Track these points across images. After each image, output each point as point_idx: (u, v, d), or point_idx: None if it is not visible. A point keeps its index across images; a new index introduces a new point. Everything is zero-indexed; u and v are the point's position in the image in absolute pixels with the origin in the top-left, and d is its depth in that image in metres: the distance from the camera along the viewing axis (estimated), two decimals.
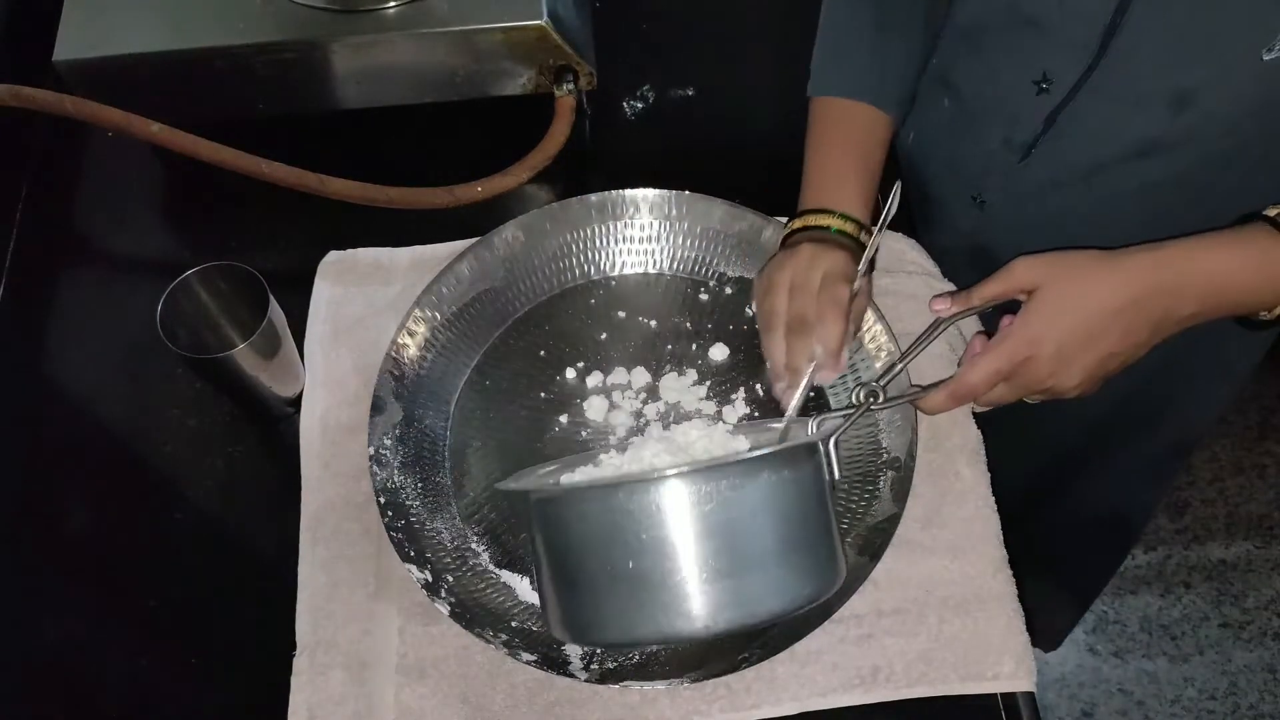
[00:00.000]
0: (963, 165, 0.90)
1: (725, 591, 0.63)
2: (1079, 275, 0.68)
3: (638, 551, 0.63)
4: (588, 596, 0.65)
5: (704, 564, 0.62)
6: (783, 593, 0.64)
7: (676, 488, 0.62)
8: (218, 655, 0.78)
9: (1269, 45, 0.67)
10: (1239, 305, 0.70)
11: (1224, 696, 1.66)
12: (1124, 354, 0.69)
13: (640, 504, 0.63)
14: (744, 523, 0.63)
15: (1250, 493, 1.82)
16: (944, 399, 0.71)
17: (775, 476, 0.65)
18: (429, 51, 0.93)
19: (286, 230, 0.95)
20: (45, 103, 0.90)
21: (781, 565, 0.64)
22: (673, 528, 0.62)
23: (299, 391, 0.85)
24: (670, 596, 0.62)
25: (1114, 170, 0.79)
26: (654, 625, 0.63)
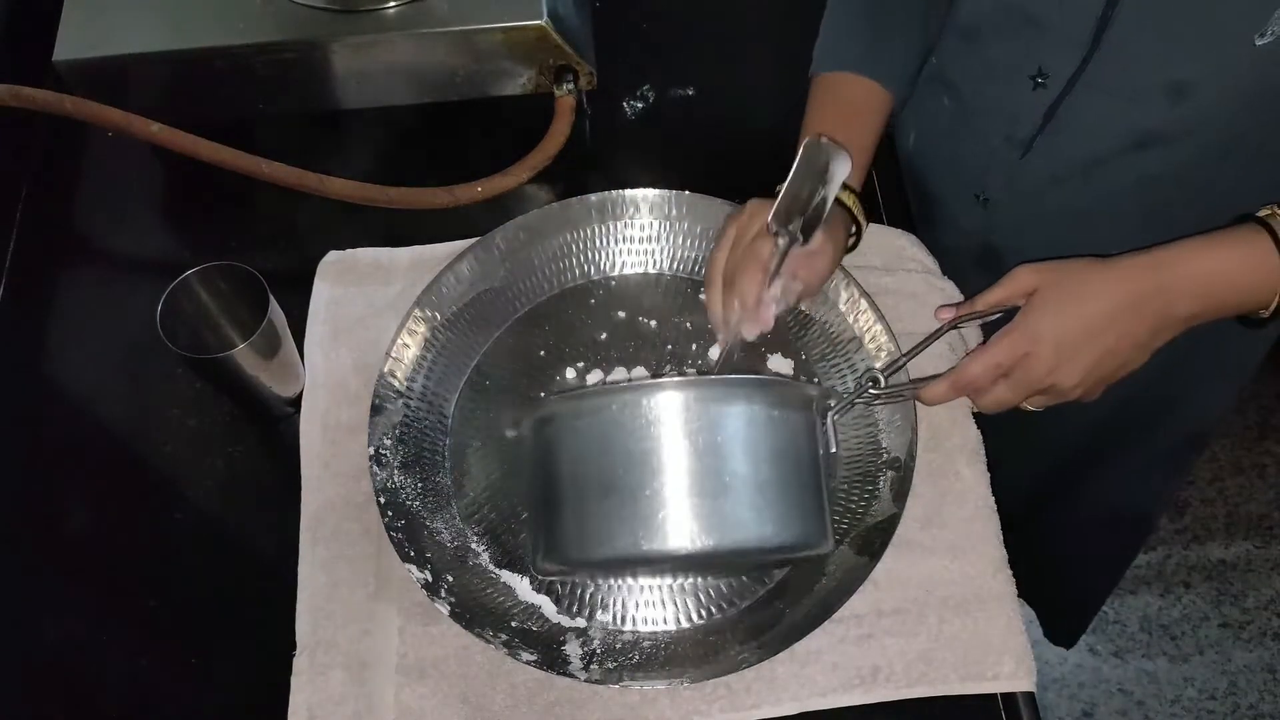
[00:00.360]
0: (964, 163, 0.90)
1: (707, 511, 0.64)
2: (1077, 277, 0.70)
3: (626, 463, 0.65)
4: (573, 513, 0.67)
5: (689, 480, 0.64)
6: (762, 525, 0.66)
7: (671, 399, 0.65)
8: (218, 655, 0.78)
9: (1261, 30, 0.67)
10: (1235, 305, 0.71)
11: (1224, 696, 1.66)
12: (1123, 355, 0.70)
13: (634, 414, 0.65)
14: (732, 447, 0.65)
15: (1250, 493, 1.82)
16: (945, 388, 0.72)
17: (767, 412, 0.67)
18: (429, 51, 0.93)
19: (286, 230, 0.95)
20: (45, 103, 0.90)
21: (765, 498, 0.66)
22: (662, 440, 0.65)
23: (299, 391, 0.85)
24: (650, 509, 0.64)
25: (1113, 163, 0.79)
26: (632, 538, 0.64)
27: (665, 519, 0.64)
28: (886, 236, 0.90)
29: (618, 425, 0.66)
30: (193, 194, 0.99)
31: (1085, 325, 0.69)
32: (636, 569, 0.72)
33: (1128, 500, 1.17)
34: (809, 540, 0.68)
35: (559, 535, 0.67)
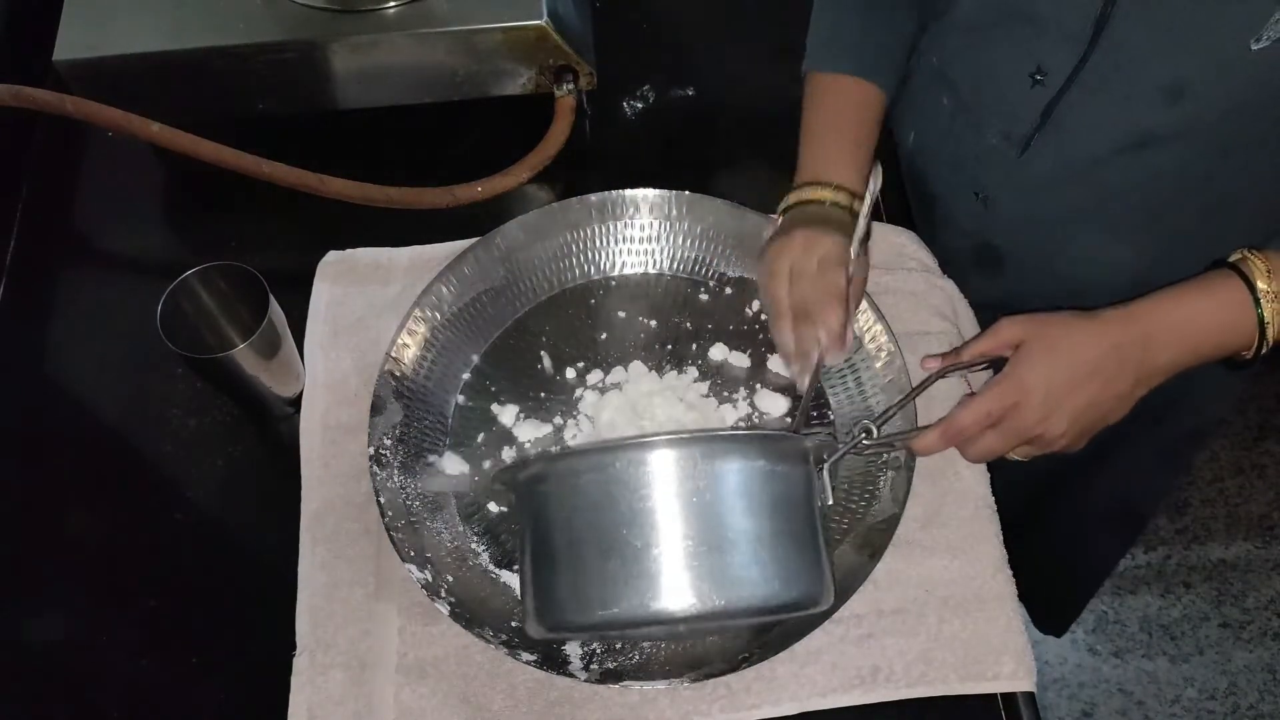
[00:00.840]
0: (964, 162, 0.90)
1: (713, 569, 0.64)
2: (1061, 328, 0.72)
3: (627, 522, 0.64)
4: (570, 575, 0.66)
5: (693, 539, 0.64)
6: (769, 582, 0.65)
7: (671, 456, 0.64)
8: (218, 655, 0.78)
9: (1256, 35, 0.67)
10: (1214, 350, 0.73)
11: (1224, 696, 1.66)
12: (1106, 405, 0.72)
13: (633, 472, 0.64)
14: (733, 503, 0.65)
15: (1250, 493, 1.82)
16: (935, 438, 0.73)
17: (767, 466, 0.66)
18: (429, 51, 0.93)
19: (286, 230, 0.95)
20: (45, 103, 0.90)
21: (769, 554, 0.65)
22: (663, 499, 0.64)
23: (299, 391, 0.85)
24: (655, 568, 0.63)
25: (1112, 163, 0.79)
26: (639, 599, 0.63)
27: (672, 579, 0.63)
28: (886, 234, 0.90)
29: (618, 483, 0.64)
30: (193, 194, 1.00)
31: (1071, 375, 0.70)
32: (635, 630, 0.70)
33: (1127, 497, 1.17)
34: (813, 595, 0.67)
35: (555, 598, 0.66)
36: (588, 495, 0.66)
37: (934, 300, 0.87)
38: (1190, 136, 0.75)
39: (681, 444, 0.65)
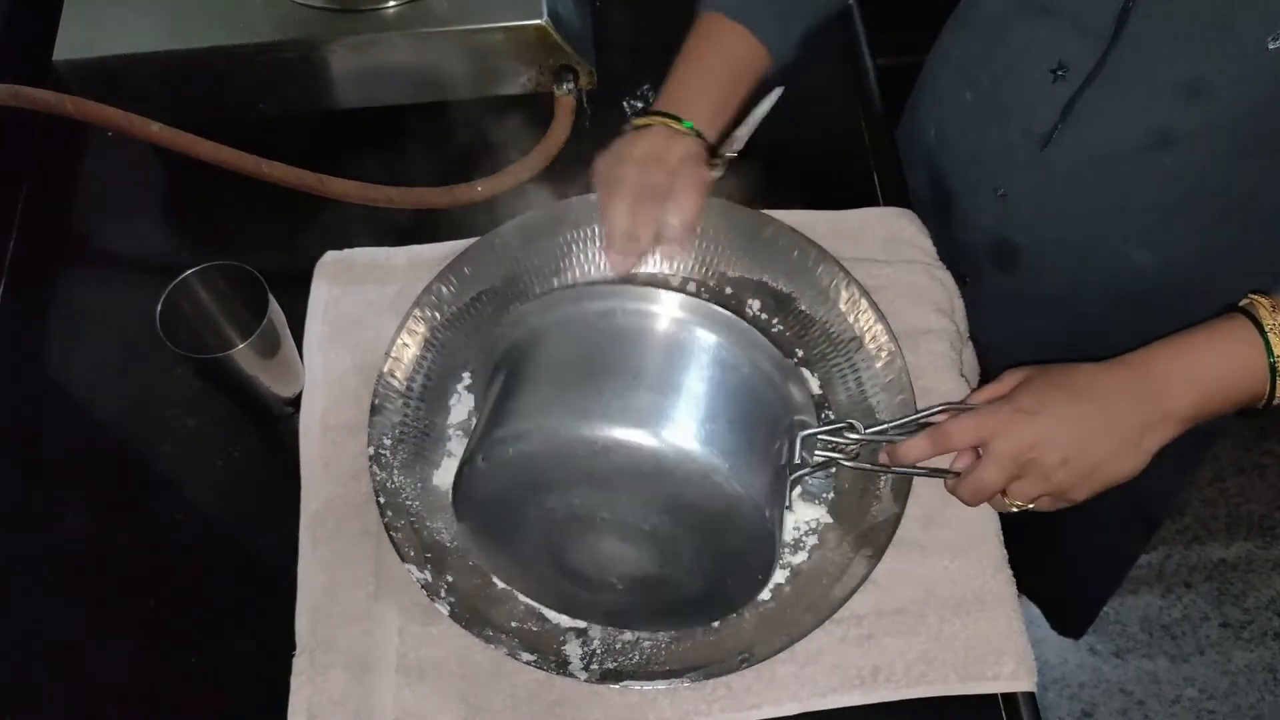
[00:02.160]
0: (984, 158, 0.90)
1: (676, 415, 0.63)
2: (1064, 367, 0.70)
3: (608, 352, 0.65)
4: (544, 387, 0.66)
5: (659, 383, 0.64)
6: (714, 454, 0.62)
7: (684, 312, 0.66)
8: (218, 655, 0.78)
9: (1274, 34, 0.67)
10: (1225, 393, 0.69)
11: (1224, 696, 1.66)
12: (1111, 444, 0.68)
13: (642, 315, 0.66)
14: (716, 386, 0.65)
15: (1250, 493, 1.82)
16: (921, 442, 0.70)
17: (748, 366, 0.67)
18: (429, 51, 0.93)
19: (286, 230, 0.95)
20: (45, 103, 0.90)
21: (734, 441, 0.64)
22: (650, 344, 0.65)
23: (299, 391, 0.85)
24: (609, 396, 0.63)
25: (1132, 161, 0.79)
26: (580, 415, 0.63)
27: (622, 406, 0.62)
28: (886, 216, 0.90)
29: (628, 316, 0.66)
30: (193, 194, 0.99)
31: (1074, 404, 0.67)
32: (565, 501, 0.66)
33: (1140, 497, 1.17)
34: (757, 505, 0.64)
35: (503, 418, 0.65)
36: (595, 325, 0.66)
37: (934, 296, 0.87)
38: (1209, 135, 0.75)
39: (707, 316, 0.66)
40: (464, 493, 0.67)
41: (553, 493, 0.65)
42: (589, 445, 0.62)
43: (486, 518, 0.69)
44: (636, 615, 0.73)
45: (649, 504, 0.64)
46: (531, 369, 0.67)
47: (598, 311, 0.67)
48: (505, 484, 0.66)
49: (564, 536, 0.68)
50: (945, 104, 0.94)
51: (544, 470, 0.64)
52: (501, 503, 0.67)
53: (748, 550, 0.66)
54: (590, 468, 0.63)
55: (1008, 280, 0.93)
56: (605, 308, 0.67)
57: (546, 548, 0.69)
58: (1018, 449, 0.67)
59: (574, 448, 0.63)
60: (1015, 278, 0.92)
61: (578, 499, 0.65)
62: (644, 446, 0.61)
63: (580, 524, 0.67)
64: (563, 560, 0.69)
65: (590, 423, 0.62)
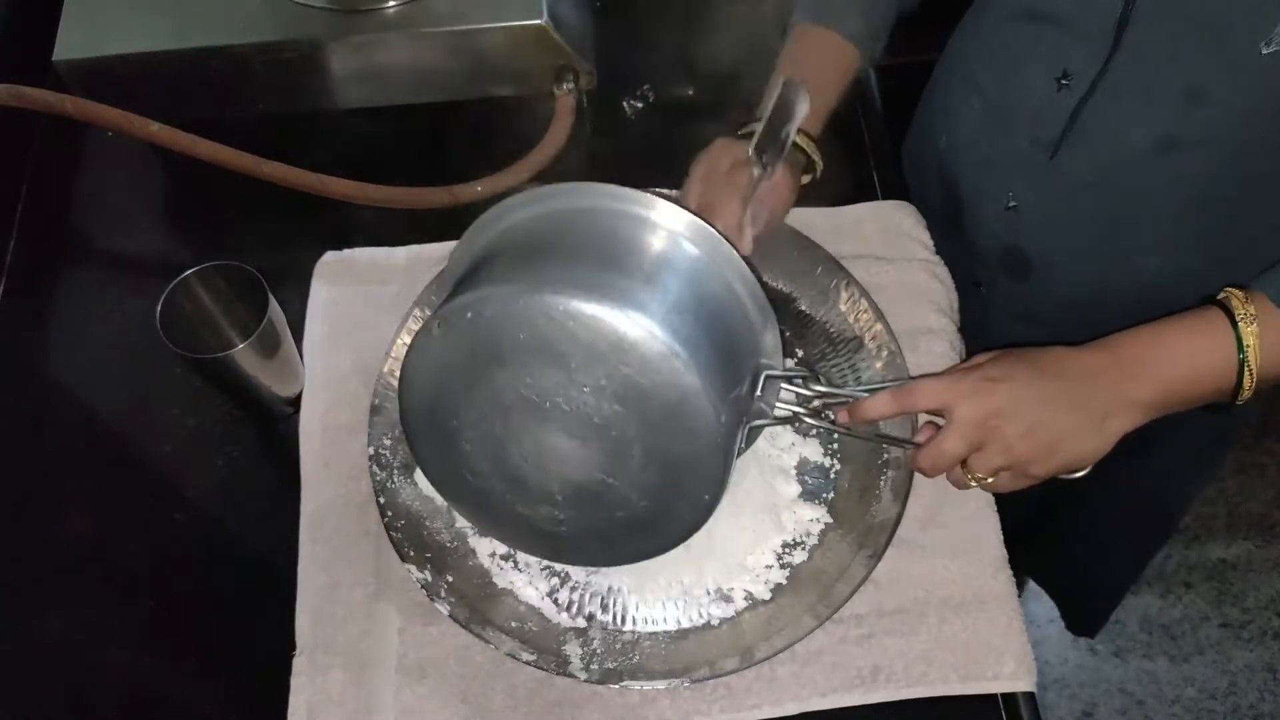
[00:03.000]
0: (994, 166, 0.90)
1: (625, 289, 0.62)
2: (1037, 348, 0.70)
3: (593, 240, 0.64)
4: (490, 269, 0.65)
5: (615, 262, 0.64)
6: (660, 330, 0.61)
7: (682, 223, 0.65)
8: (218, 655, 0.78)
9: (1266, 38, 0.67)
10: (1194, 391, 0.70)
11: (1224, 696, 1.66)
12: (1072, 425, 0.67)
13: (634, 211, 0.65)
14: (677, 276, 0.64)
15: (1250, 492, 1.82)
16: (885, 399, 0.70)
17: (728, 292, 0.66)
18: (429, 51, 0.93)
19: (286, 230, 0.95)
20: (45, 103, 0.90)
21: (680, 319, 0.62)
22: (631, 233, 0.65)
23: (299, 391, 0.85)
24: (572, 264, 0.63)
25: (1137, 167, 0.79)
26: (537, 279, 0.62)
27: (588, 281, 0.61)
28: (882, 211, 0.91)
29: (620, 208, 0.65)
30: (193, 194, 1.00)
31: (1040, 379, 0.68)
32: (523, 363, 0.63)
33: (1156, 497, 1.17)
34: (710, 399, 0.62)
35: (484, 279, 0.64)
36: (576, 219, 0.66)
37: (934, 295, 0.87)
38: (1212, 141, 0.75)
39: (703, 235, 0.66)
40: (415, 366, 0.65)
41: (505, 368, 0.63)
42: (548, 312, 0.60)
43: (433, 403, 0.67)
44: (575, 540, 0.71)
45: (603, 389, 0.62)
46: (502, 252, 0.66)
47: (581, 208, 0.66)
48: (458, 356, 0.64)
49: (509, 429, 0.66)
50: (955, 112, 0.94)
51: (499, 340, 0.62)
52: (451, 382, 0.65)
53: (697, 462, 0.64)
54: (547, 339, 0.61)
55: (1019, 288, 0.93)
56: (590, 205, 0.66)
57: (490, 445, 0.67)
58: (982, 415, 0.67)
59: (532, 314, 0.61)
60: (1027, 285, 0.93)
61: (529, 377, 0.63)
62: (605, 320, 0.60)
63: (528, 412, 0.64)
64: (505, 461, 0.67)
65: (552, 290, 0.60)
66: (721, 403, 0.63)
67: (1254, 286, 0.69)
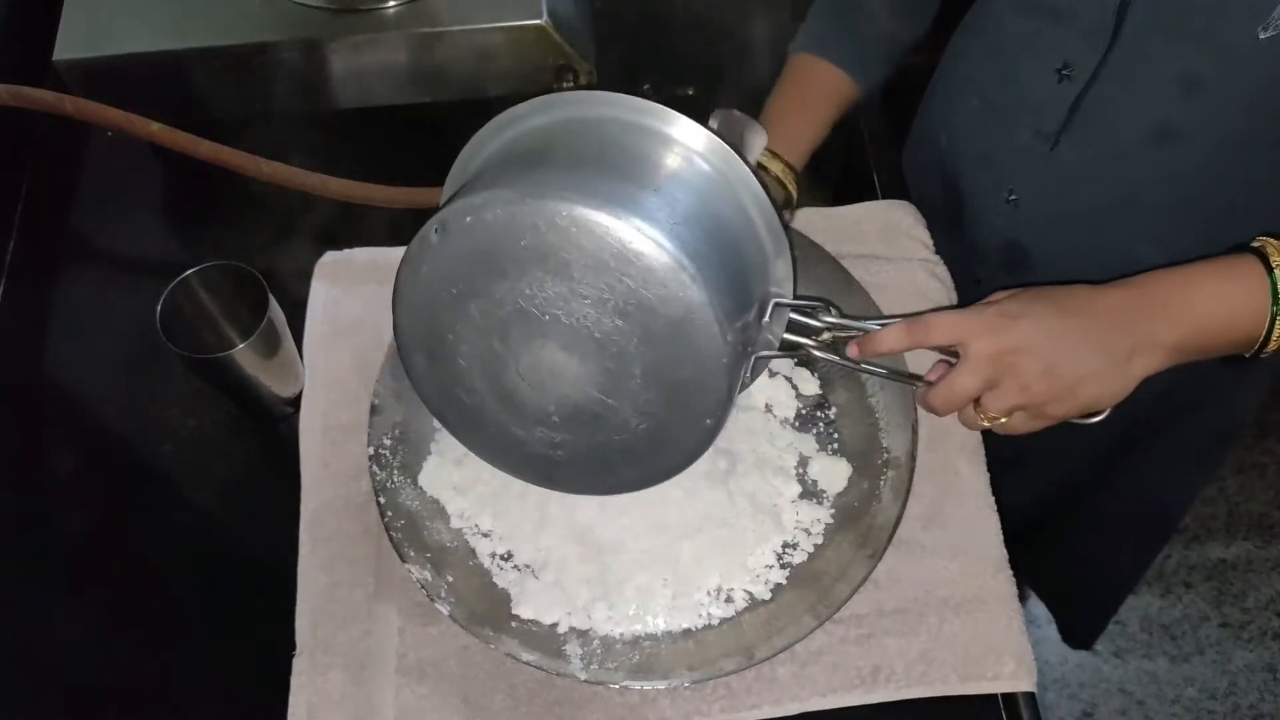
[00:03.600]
0: (995, 161, 0.91)
1: (622, 193, 0.59)
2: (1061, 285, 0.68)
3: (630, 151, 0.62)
4: (493, 176, 0.62)
5: (622, 169, 0.61)
6: (666, 240, 0.58)
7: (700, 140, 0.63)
8: (218, 655, 0.78)
9: (1264, 24, 0.68)
10: (1221, 339, 0.68)
11: (1224, 696, 1.66)
12: (1094, 365, 0.65)
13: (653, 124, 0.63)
14: (688, 191, 0.62)
15: (1250, 492, 1.82)
16: (898, 331, 0.67)
17: (740, 216, 0.64)
18: (429, 51, 0.93)
19: (286, 230, 0.95)
20: (45, 103, 0.90)
21: (688, 231, 0.60)
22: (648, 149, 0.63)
23: (299, 391, 0.85)
24: (586, 173, 0.60)
25: (1137, 158, 0.80)
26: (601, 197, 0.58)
27: (593, 187, 0.59)
28: (882, 210, 0.91)
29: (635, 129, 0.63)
30: (193, 194, 1.00)
31: (1062, 319, 0.65)
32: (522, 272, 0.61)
33: (1155, 498, 1.17)
34: (716, 314, 0.59)
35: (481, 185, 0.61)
36: (583, 129, 0.64)
37: (934, 294, 0.87)
38: (1210, 130, 0.76)
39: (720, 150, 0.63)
40: (411, 275, 0.63)
41: (505, 279, 0.61)
42: (551, 218, 0.58)
43: (428, 314, 0.65)
44: (571, 465, 0.68)
45: (605, 302, 0.60)
46: (507, 158, 0.64)
47: (593, 118, 0.64)
48: (455, 265, 0.62)
49: (507, 344, 0.63)
50: (955, 109, 0.95)
51: (500, 248, 0.60)
52: (447, 293, 0.63)
53: (700, 384, 0.62)
54: (548, 247, 0.59)
55: (1019, 282, 0.93)
56: (602, 114, 0.64)
57: (486, 361, 0.65)
58: (998, 351, 0.65)
59: (535, 220, 0.58)
60: (1025, 279, 0.93)
61: (529, 287, 0.60)
62: (610, 228, 0.57)
63: (527, 326, 0.62)
64: (501, 378, 0.65)
65: (557, 195, 0.58)
66: (729, 322, 0.60)
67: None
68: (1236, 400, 1.04)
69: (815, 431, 0.82)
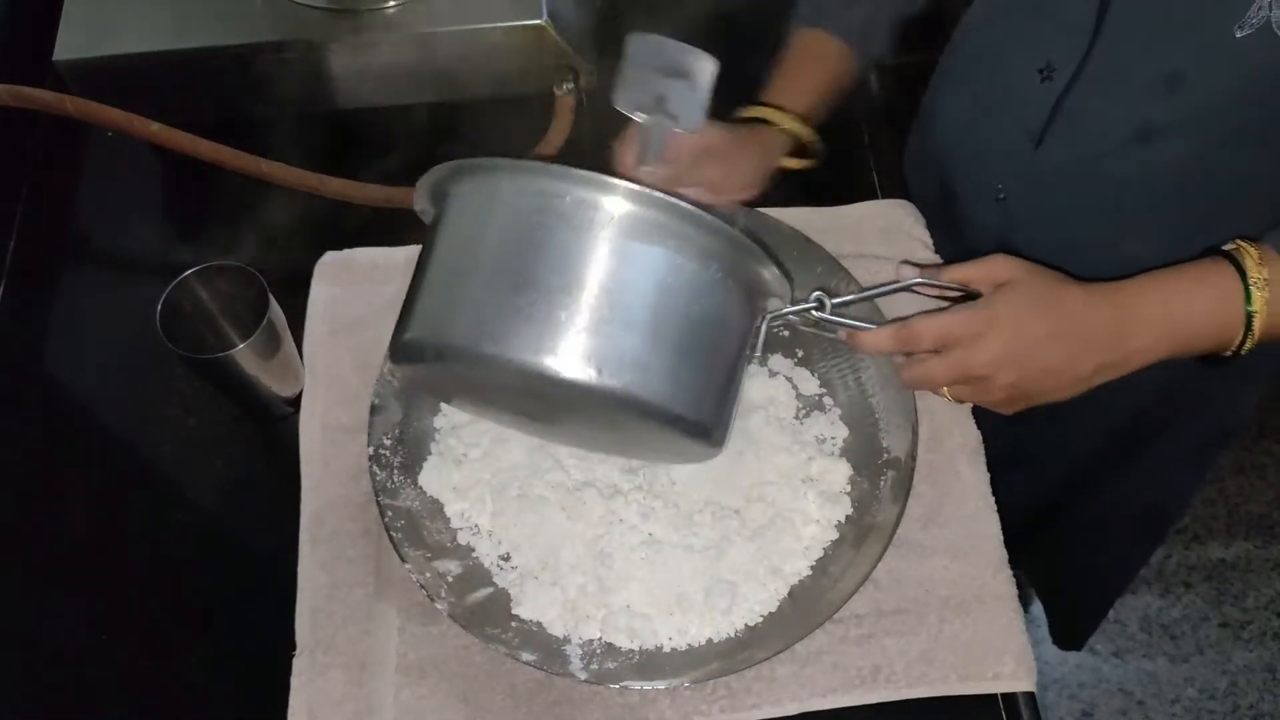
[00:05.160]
0: (983, 159, 0.91)
1: (623, 346, 0.59)
2: (1052, 285, 0.70)
3: (555, 262, 0.59)
4: (471, 292, 0.61)
5: (609, 306, 0.59)
6: (672, 390, 0.61)
7: (627, 215, 0.60)
8: (218, 655, 0.78)
9: (1240, 22, 0.68)
10: (1195, 340, 0.70)
11: (1224, 696, 1.66)
12: (1062, 379, 0.70)
13: (580, 214, 0.59)
14: (670, 293, 0.61)
15: (1250, 493, 1.82)
16: (886, 336, 0.71)
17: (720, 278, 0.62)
18: (429, 51, 0.93)
19: (286, 230, 0.95)
20: (45, 103, 0.90)
21: (685, 362, 0.61)
22: (599, 252, 0.59)
23: (299, 391, 0.85)
24: (566, 317, 0.58)
25: (1120, 156, 0.80)
26: (534, 345, 0.58)
27: (573, 338, 0.58)
28: (882, 209, 0.91)
29: (559, 217, 0.59)
30: (193, 194, 0.99)
31: (1044, 334, 0.68)
32: (504, 386, 0.64)
33: (1153, 497, 1.17)
34: (705, 424, 0.63)
35: (440, 310, 0.62)
36: (520, 220, 0.60)
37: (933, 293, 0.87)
38: (1191, 128, 0.76)
39: (645, 201, 0.60)
40: (395, 374, 0.68)
41: (489, 399, 0.64)
42: (473, 364, 0.59)
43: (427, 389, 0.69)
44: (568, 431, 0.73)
45: (589, 422, 0.63)
46: (457, 250, 0.63)
47: (524, 208, 0.61)
48: (424, 383, 0.66)
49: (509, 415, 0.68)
50: (947, 108, 0.96)
51: (473, 379, 0.62)
52: (438, 383, 0.66)
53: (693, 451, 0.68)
54: (524, 388, 0.61)
55: None
56: (521, 206, 0.61)
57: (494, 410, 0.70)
58: (976, 365, 0.69)
59: (503, 375, 0.60)
60: None
61: (516, 408, 0.63)
62: (525, 365, 0.58)
63: (525, 417, 0.66)
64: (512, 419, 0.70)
65: (521, 353, 0.58)
66: (717, 416, 0.64)
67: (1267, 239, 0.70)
68: (1235, 399, 1.04)
69: (815, 431, 0.82)
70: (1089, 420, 1.06)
